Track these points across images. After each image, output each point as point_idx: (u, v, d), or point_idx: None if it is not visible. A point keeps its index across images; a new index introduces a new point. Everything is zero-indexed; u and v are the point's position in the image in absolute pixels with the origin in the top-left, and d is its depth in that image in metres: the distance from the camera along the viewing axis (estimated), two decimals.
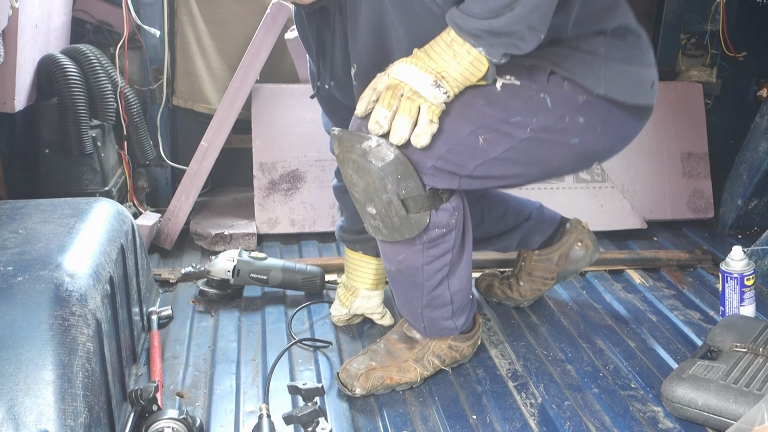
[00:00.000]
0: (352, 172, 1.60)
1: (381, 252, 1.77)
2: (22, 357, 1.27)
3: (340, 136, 1.60)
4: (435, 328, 1.84)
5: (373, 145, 1.55)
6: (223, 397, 1.78)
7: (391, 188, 1.58)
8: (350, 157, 1.59)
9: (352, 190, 1.64)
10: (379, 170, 1.56)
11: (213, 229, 2.64)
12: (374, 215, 1.63)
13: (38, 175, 2.41)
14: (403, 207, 1.61)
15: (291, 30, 2.71)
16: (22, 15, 2.09)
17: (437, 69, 1.51)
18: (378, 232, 1.67)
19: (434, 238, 1.68)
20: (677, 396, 1.70)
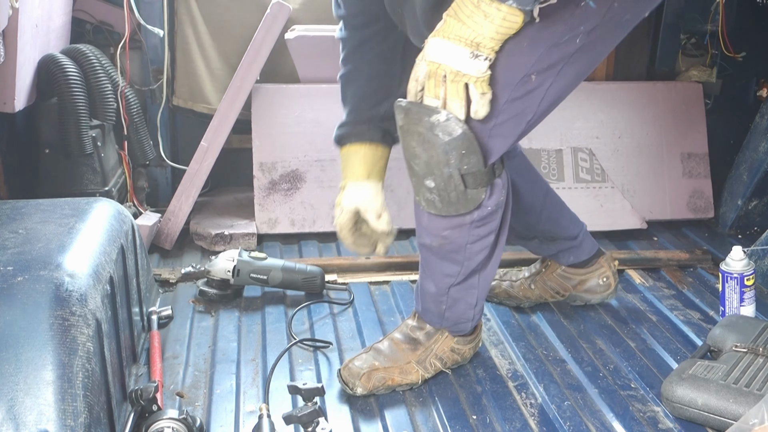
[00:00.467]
0: (415, 144, 1.60)
1: (424, 226, 1.74)
2: (22, 357, 1.27)
3: (407, 107, 1.59)
4: (454, 315, 1.84)
5: (442, 119, 1.55)
6: (223, 397, 1.78)
7: (453, 163, 1.59)
8: (416, 129, 1.58)
9: (413, 162, 1.64)
10: (445, 144, 1.56)
11: (213, 229, 2.64)
12: (432, 188, 1.63)
13: (38, 175, 2.41)
14: (462, 182, 1.61)
15: (291, 30, 2.71)
16: (22, 15, 2.09)
17: (470, 36, 1.47)
18: (431, 206, 1.67)
19: (484, 216, 1.68)
20: (677, 396, 1.70)
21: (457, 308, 1.83)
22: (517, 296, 2.19)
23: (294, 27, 2.72)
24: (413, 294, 2.31)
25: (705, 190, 2.90)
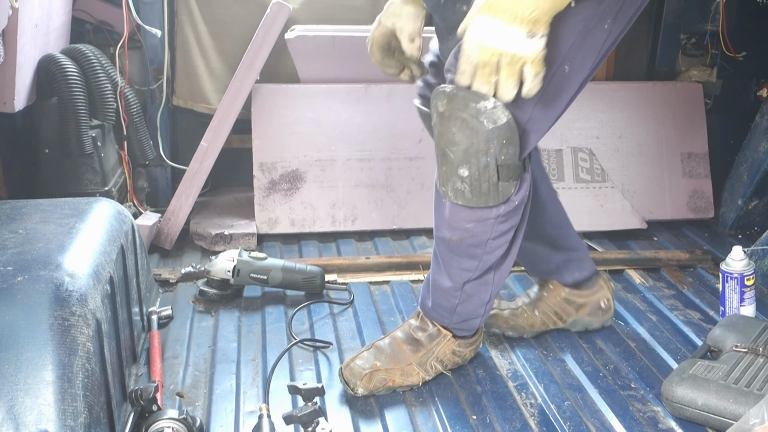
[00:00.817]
0: (456, 130, 1.57)
1: (446, 218, 1.71)
2: (22, 357, 1.26)
3: (453, 93, 1.55)
4: (466, 311, 1.82)
5: (489, 106, 1.53)
6: (223, 397, 1.78)
7: (492, 152, 1.57)
8: (460, 115, 1.55)
9: (449, 149, 1.60)
10: (489, 132, 1.55)
11: (213, 229, 2.64)
12: (464, 178, 1.61)
13: (38, 175, 2.41)
14: (496, 173, 1.60)
15: (291, 30, 2.71)
16: (22, 15, 2.09)
17: (526, 13, 1.41)
18: (459, 196, 1.64)
19: (509, 211, 1.67)
20: (677, 396, 1.70)
21: (470, 304, 1.82)
22: (521, 326, 2.06)
23: (294, 27, 2.72)
24: (414, 293, 2.31)
25: (705, 190, 2.90)
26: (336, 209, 2.72)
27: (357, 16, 2.92)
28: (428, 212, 2.76)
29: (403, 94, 2.78)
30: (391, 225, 2.76)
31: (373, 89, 2.77)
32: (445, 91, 1.58)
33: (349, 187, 2.74)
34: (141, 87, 2.78)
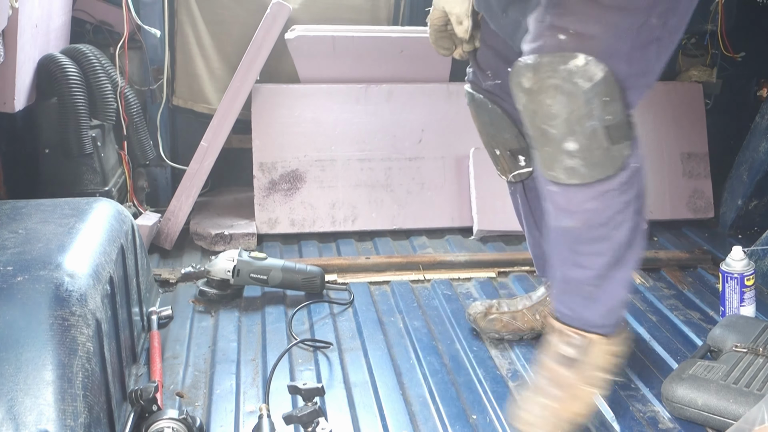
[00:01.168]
0: (551, 101, 1.45)
1: (562, 206, 1.57)
2: (22, 357, 1.26)
3: (537, 62, 1.45)
4: (609, 299, 1.63)
5: (581, 63, 1.42)
6: (223, 397, 1.78)
7: (596, 114, 1.45)
8: (551, 83, 1.44)
9: (548, 125, 1.48)
10: (587, 92, 1.44)
11: (213, 229, 2.64)
12: (574, 152, 1.48)
13: (38, 175, 2.41)
14: (606, 136, 1.48)
15: (291, 30, 2.71)
16: (22, 15, 2.09)
17: None
18: (573, 174, 1.50)
19: (629, 178, 1.53)
20: (677, 396, 1.70)
21: (611, 288, 1.62)
22: (521, 329, 2.03)
23: (294, 27, 2.72)
24: (414, 293, 2.31)
25: (705, 190, 2.90)
26: (336, 209, 2.72)
27: (357, 16, 2.92)
28: (428, 212, 2.78)
29: (403, 94, 2.79)
30: (391, 225, 2.76)
31: (373, 89, 2.77)
32: (527, 63, 1.47)
33: (349, 187, 2.74)
34: (141, 87, 2.78)
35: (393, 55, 2.77)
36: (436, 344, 2.04)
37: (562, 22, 1.46)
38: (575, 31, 1.44)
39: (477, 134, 2.75)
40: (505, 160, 1.91)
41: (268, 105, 2.71)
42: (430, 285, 2.39)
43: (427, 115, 2.79)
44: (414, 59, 2.80)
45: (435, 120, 2.80)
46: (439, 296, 2.30)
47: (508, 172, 1.94)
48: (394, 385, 1.85)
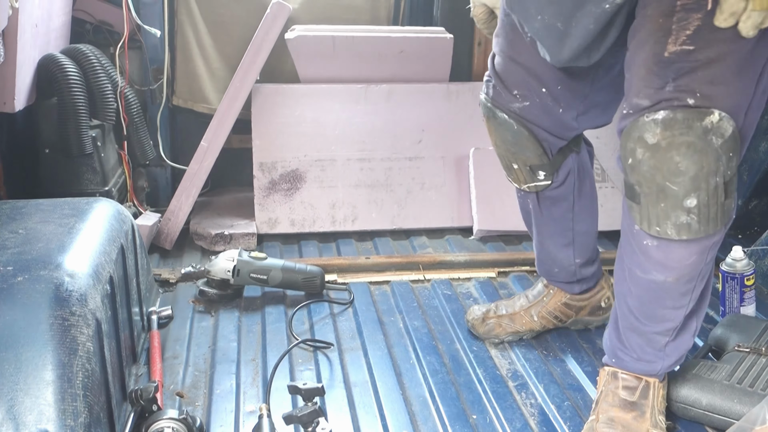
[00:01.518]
0: (680, 158, 1.40)
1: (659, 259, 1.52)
2: (22, 357, 1.26)
3: (669, 117, 1.39)
4: (678, 348, 1.65)
5: (715, 120, 1.38)
6: (223, 397, 1.78)
7: (722, 169, 1.42)
8: (684, 140, 1.39)
9: (672, 182, 1.43)
10: (718, 149, 1.40)
11: (213, 229, 2.64)
12: (692, 208, 1.44)
13: (38, 175, 2.41)
14: (724, 191, 1.44)
15: (291, 30, 2.71)
16: (22, 15, 2.09)
17: None
18: (685, 230, 1.46)
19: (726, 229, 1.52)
20: (681, 396, 1.70)
21: (683, 339, 1.65)
22: (519, 331, 2.03)
23: (294, 27, 2.72)
24: (413, 293, 2.30)
25: None
26: (336, 209, 2.72)
27: (357, 16, 2.92)
28: (428, 212, 2.78)
29: (403, 94, 2.79)
30: (391, 225, 2.76)
31: (373, 89, 2.77)
32: (655, 120, 1.41)
33: (349, 187, 2.74)
34: (141, 87, 2.78)
35: (393, 55, 2.77)
36: (436, 344, 2.04)
37: (688, 85, 1.40)
38: (703, 93, 1.39)
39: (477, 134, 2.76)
40: (523, 173, 1.86)
41: (268, 105, 2.71)
42: (430, 285, 2.39)
43: (427, 115, 2.79)
44: (414, 59, 2.79)
45: (435, 120, 2.80)
46: (439, 296, 2.30)
47: (523, 183, 1.89)
48: (394, 385, 1.85)
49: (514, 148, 1.81)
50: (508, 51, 1.74)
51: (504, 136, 1.81)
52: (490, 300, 2.27)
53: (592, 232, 1.98)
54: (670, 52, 1.40)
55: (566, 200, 1.90)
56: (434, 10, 3.00)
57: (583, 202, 1.92)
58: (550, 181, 1.85)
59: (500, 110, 1.77)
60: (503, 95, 1.77)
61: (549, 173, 1.84)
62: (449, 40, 2.77)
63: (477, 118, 2.80)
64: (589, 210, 1.95)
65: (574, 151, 1.86)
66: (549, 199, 1.89)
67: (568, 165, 1.85)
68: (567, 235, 1.94)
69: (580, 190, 1.90)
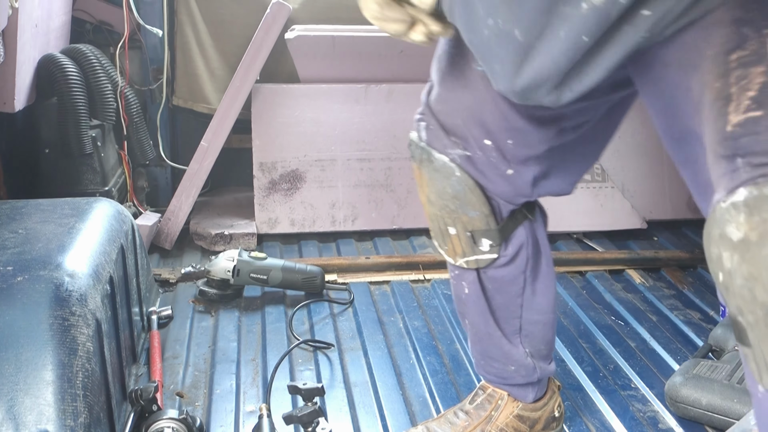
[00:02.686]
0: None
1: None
2: (21, 357, 1.26)
3: (755, 196, 0.92)
4: None
5: None
6: (223, 397, 1.78)
7: None
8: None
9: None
10: None
11: (213, 229, 2.64)
12: None
13: (38, 175, 2.41)
14: None
15: (291, 30, 2.71)
16: (21, 15, 2.09)
17: None
18: None
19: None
20: (681, 396, 1.70)
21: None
22: None
23: (294, 27, 2.72)
24: (414, 293, 2.31)
25: None
26: (336, 209, 2.72)
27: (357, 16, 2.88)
28: None
29: (403, 94, 2.78)
30: (391, 225, 2.76)
31: (373, 89, 2.77)
32: (735, 204, 0.93)
33: (349, 187, 2.74)
34: (141, 87, 2.78)
35: (393, 55, 2.77)
36: (436, 344, 2.04)
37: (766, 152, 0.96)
38: None
39: None
40: (461, 241, 1.45)
41: (268, 105, 2.71)
42: (430, 285, 2.39)
43: None
44: (414, 59, 2.79)
45: None
46: (439, 296, 2.30)
47: (460, 256, 1.46)
48: (394, 385, 1.85)
49: (453, 204, 1.41)
50: (448, 81, 1.37)
51: (441, 186, 1.40)
52: None
53: (547, 322, 1.57)
54: (734, 124, 0.98)
55: (515, 283, 1.50)
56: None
57: (537, 285, 1.52)
58: (497, 255, 1.45)
59: (438, 152, 1.39)
60: (441, 138, 1.39)
61: (496, 244, 1.44)
62: None
63: None
64: (545, 294, 1.54)
65: (528, 218, 1.48)
66: (493, 280, 1.50)
67: (520, 236, 1.47)
68: (513, 323, 1.55)
69: (535, 270, 1.51)
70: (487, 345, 1.57)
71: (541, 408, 1.63)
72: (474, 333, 1.58)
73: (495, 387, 1.62)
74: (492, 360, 1.58)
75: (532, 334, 1.56)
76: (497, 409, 1.60)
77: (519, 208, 1.46)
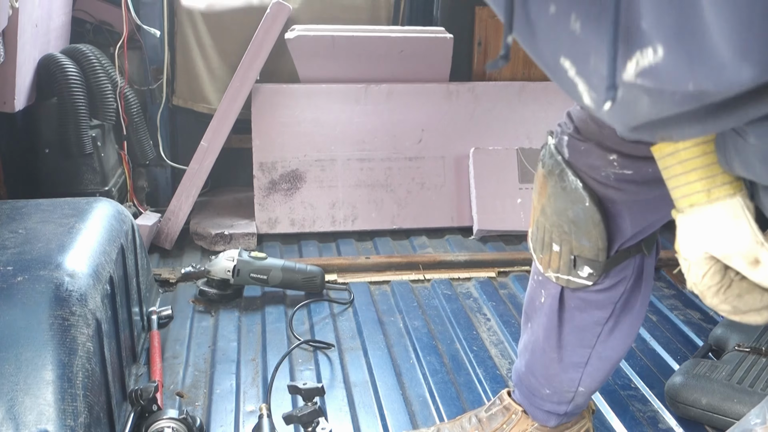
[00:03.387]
0: None
1: None
2: (22, 357, 1.26)
3: None
4: None
5: None
6: (223, 397, 1.78)
7: None
8: None
9: None
10: None
11: (213, 229, 2.64)
12: None
13: (38, 175, 2.41)
14: None
15: (291, 30, 2.71)
16: (22, 15, 2.09)
17: None
18: None
19: None
20: (681, 396, 1.70)
21: None
22: None
23: (294, 27, 2.72)
24: (413, 293, 2.31)
25: None
26: (336, 209, 2.72)
27: (357, 16, 2.92)
28: (428, 212, 2.78)
29: (403, 94, 2.79)
30: (391, 225, 2.76)
31: (373, 89, 2.77)
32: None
33: (349, 187, 2.74)
34: (141, 87, 2.78)
35: (393, 55, 2.77)
36: (436, 344, 2.04)
37: None
38: None
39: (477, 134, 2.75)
40: (560, 259, 1.35)
41: (268, 105, 2.71)
42: (430, 285, 2.39)
43: (427, 115, 2.79)
44: (414, 59, 2.79)
45: (435, 120, 2.80)
46: (439, 296, 2.30)
47: (553, 271, 1.37)
48: (394, 385, 1.85)
49: (568, 227, 1.31)
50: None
51: (563, 207, 1.30)
52: (489, 299, 2.27)
53: (617, 359, 1.47)
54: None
55: (603, 310, 1.39)
56: (434, 10, 3.00)
57: (623, 320, 1.41)
58: (592, 283, 1.35)
59: (574, 173, 1.28)
60: (582, 157, 1.27)
61: (597, 273, 1.34)
62: (449, 40, 2.77)
63: (477, 118, 2.81)
64: (627, 332, 1.43)
65: (642, 252, 1.37)
66: (579, 300, 1.39)
67: (626, 268, 1.36)
68: (582, 354, 1.44)
69: (627, 303, 1.40)
70: (538, 358, 1.48)
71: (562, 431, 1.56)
72: (531, 341, 1.49)
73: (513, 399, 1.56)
74: (532, 375, 1.51)
75: (597, 372, 1.46)
76: (509, 423, 1.55)
77: (637, 243, 1.34)
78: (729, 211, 1.04)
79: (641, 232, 1.32)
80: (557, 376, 1.46)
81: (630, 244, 1.33)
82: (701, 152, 1.03)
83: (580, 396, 1.49)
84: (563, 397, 1.49)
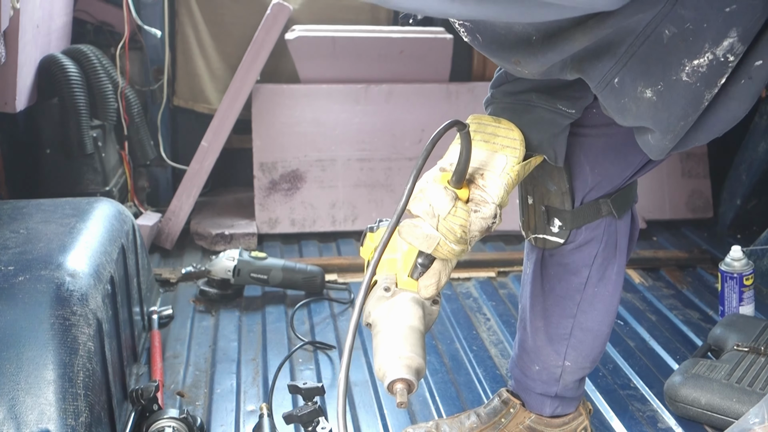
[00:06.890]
0: None
1: None
2: (23, 356, 1.27)
3: None
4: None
5: None
6: (223, 397, 1.79)
7: None
8: None
9: None
10: None
11: (213, 229, 2.64)
12: None
13: (39, 175, 2.41)
14: None
15: (291, 30, 2.71)
16: (23, 15, 2.10)
17: None
18: None
19: None
20: (680, 395, 1.70)
21: None
22: None
23: (294, 27, 2.73)
24: None
25: (704, 190, 2.90)
26: (336, 209, 2.73)
27: (357, 16, 2.92)
28: None
29: (403, 94, 2.79)
30: None
31: (373, 89, 2.77)
32: None
33: (349, 187, 2.74)
34: (142, 87, 2.78)
35: (393, 55, 2.78)
36: (436, 344, 2.04)
37: None
38: None
39: None
40: (536, 215, 1.45)
41: (268, 105, 2.72)
42: None
43: (427, 115, 2.80)
44: (414, 59, 2.80)
45: (435, 120, 2.78)
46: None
47: (531, 231, 1.47)
48: None
49: (536, 171, 1.38)
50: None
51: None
52: (488, 299, 2.28)
53: (599, 333, 1.50)
54: None
55: (578, 275, 1.46)
56: None
57: (600, 289, 1.47)
58: (564, 240, 1.43)
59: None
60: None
61: (566, 227, 1.42)
62: (449, 40, 2.78)
63: None
64: (607, 304, 1.49)
65: (612, 214, 1.46)
66: (557, 266, 1.47)
67: (596, 228, 1.44)
68: (565, 325, 1.49)
69: (602, 270, 1.46)
70: (527, 331, 1.53)
71: (559, 426, 1.58)
72: (520, 319, 1.55)
73: (511, 394, 1.60)
74: (523, 351, 1.55)
75: (581, 344, 1.50)
76: (507, 417, 1.58)
77: (605, 199, 1.43)
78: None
79: (603, 183, 1.42)
80: (544, 349, 1.51)
81: (595, 196, 1.42)
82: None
83: (568, 374, 1.52)
84: (552, 374, 1.53)
